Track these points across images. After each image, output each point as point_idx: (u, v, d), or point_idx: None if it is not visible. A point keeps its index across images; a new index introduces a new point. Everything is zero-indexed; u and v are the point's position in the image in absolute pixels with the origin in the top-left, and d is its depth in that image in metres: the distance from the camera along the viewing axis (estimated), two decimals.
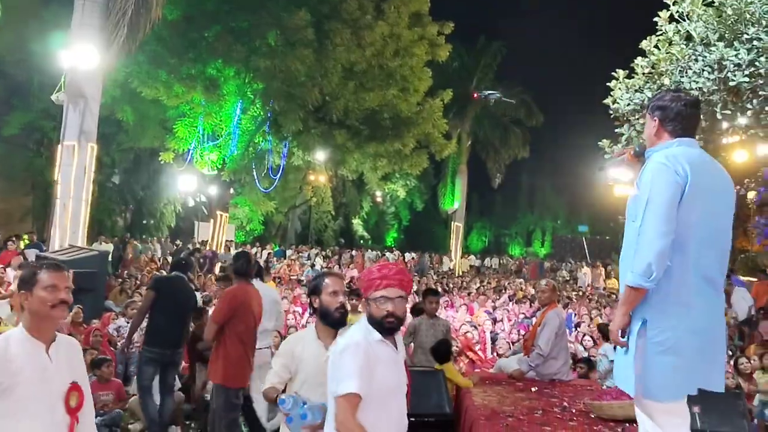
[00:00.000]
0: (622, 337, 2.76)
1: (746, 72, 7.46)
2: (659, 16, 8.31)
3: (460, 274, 27.88)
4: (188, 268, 7.05)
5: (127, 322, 8.29)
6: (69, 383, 2.63)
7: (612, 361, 7.78)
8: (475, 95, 28.67)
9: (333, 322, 3.28)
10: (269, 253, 24.18)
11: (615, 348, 2.89)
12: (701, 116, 3.00)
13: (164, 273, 12.76)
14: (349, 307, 3.49)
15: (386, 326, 2.78)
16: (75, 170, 11.87)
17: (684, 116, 2.84)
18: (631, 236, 2.79)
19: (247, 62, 17.85)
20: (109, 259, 14.68)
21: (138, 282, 12.70)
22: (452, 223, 32.33)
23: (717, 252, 2.75)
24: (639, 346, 2.73)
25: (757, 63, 7.41)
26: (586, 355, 8.52)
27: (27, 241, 16.67)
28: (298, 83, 18.17)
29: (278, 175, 22.12)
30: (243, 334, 5.15)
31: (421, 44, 20.47)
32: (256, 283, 6.07)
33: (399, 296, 2.81)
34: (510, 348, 7.91)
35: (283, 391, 3.32)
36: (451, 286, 19.12)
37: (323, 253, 27.86)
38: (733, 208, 2.86)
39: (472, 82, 30.06)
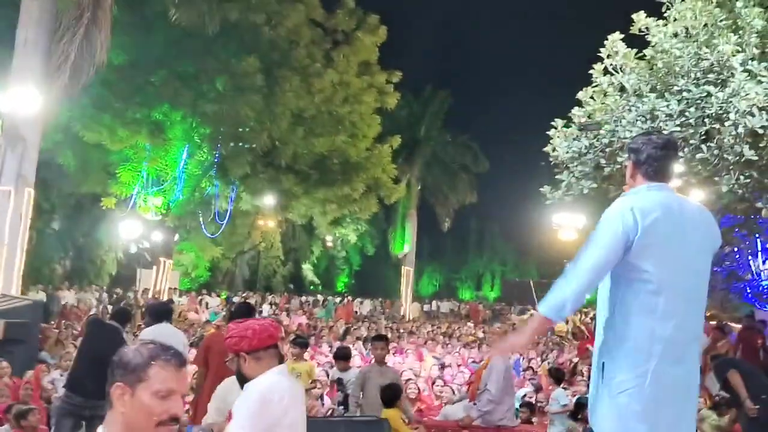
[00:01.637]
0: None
1: (677, 122, 7.83)
2: (594, 69, 8.70)
3: (411, 319, 27.81)
4: (128, 320, 6.81)
5: (62, 375, 7.93)
6: None
7: (564, 405, 7.81)
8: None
9: None
10: (222, 300, 23.70)
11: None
12: (675, 156, 2.96)
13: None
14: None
15: None
16: (11, 216, 11.45)
17: (655, 158, 2.79)
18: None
19: (194, 107, 17.77)
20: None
21: (75, 332, 12.20)
22: (403, 267, 32.41)
23: (685, 301, 2.69)
24: (599, 389, 2.72)
25: (686, 113, 7.79)
26: (531, 399, 8.53)
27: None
28: (246, 128, 18.17)
29: (225, 220, 21.84)
30: (215, 381, 5.17)
31: (369, 92, 20.85)
32: (164, 326, 6.00)
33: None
34: (455, 394, 7.89)
35: None
36: (401, 331, 19.02)
37: (271, 299, 27.45)
38: (710, 253, 2.81)
39: (420, 129, 30.63)
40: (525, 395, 8.51)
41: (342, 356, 7.17)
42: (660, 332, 2.64)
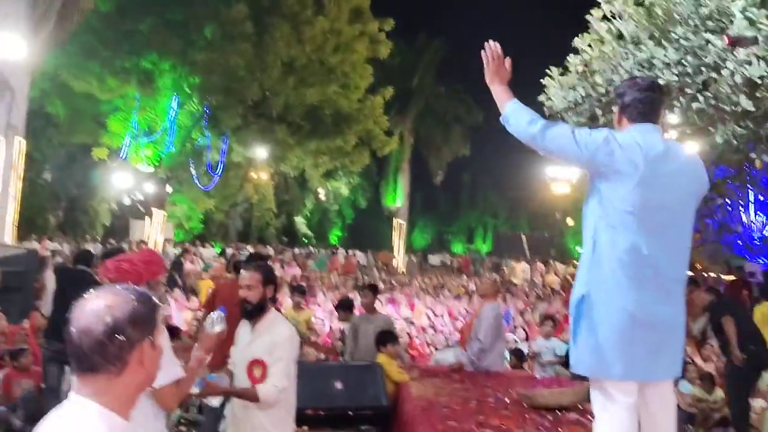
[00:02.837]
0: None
1: (674, 71, 7.73)
2: (592, 15, 8.53)
3: (403, 271, 28.04)
4: (91, 261, 6.78)
5: None
6: None
7: (558, 356, 7.84)
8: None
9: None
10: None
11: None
12: (660, 99, 2.88)
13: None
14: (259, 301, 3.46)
15: None
16: (2, 166, 11.35)
17: (639, 101, 2.79)
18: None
19: (183, 56, 17.48)
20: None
21: None
22: (395, 220, 32.47)
23: (666, 240, 2.70)
24: (579, 322, 2.75)
25: (684, 62, 7.68)
26: (524, 348, 8.66)
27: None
28: (236, 78, 17.92)
29: (217, 172, 21.73)
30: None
31: (361, 40, 20.50)
32: None
33: None
34: (446, 341, 8.00)
35: None
36: (393, 283, 19.21)
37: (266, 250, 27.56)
38: (695, 196, 2.82)
39: (413, 80, 30.23)
40: (515, 341, 8.63)
41: (344, 307, 7.24)
42: (639, 270, 2.66)
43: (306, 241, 39.28)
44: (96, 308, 1.40)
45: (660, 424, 2.82)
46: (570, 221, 40.14)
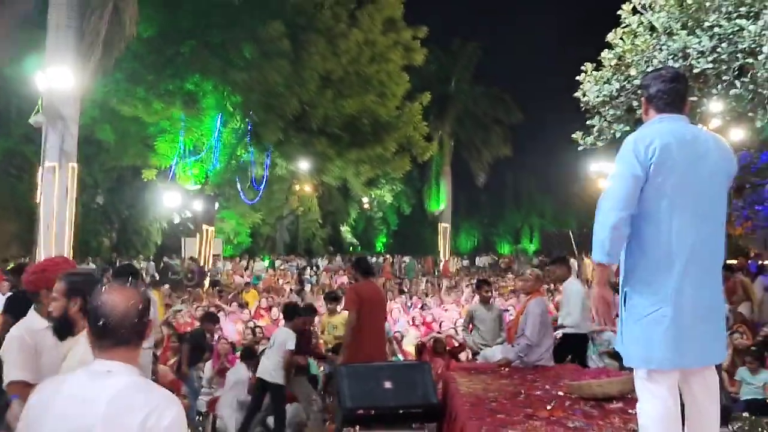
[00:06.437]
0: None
1: (709, 59, 7.68)
2: (623, 9, 8.54)
3: (450, 274, 28.02)
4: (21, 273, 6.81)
5: None
6: None
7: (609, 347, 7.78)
8: None
9: None
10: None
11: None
12: (685, 89, 2.98)
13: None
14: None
15: None
16: (57, 191, 11.84)
17: (664, 92, 2.89)
18: None
19: (224, 76, 17.95)
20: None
21: None
22: (440, 224, 32.51)
23: (701, 224, 2.76)
24: (625, 317, 2.86)
25: (719, 49, 7.63)
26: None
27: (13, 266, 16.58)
28: (276, 94, 18.32)
29: (262, 187, 22.20)
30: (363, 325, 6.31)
31: (396, 49, 20.73)
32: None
33: None
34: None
35: None
36: (440, 286, 19.24)
37: (315, 261, 27.98)
38: (725, 178, 2.89)
39: (450, 84, 30.33)
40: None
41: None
42: (676, 259, 2.74)
43: (352, 250, 39.62)
44: (126, 299, 2.00)
45: (702, 405, 2.88)
46: None
